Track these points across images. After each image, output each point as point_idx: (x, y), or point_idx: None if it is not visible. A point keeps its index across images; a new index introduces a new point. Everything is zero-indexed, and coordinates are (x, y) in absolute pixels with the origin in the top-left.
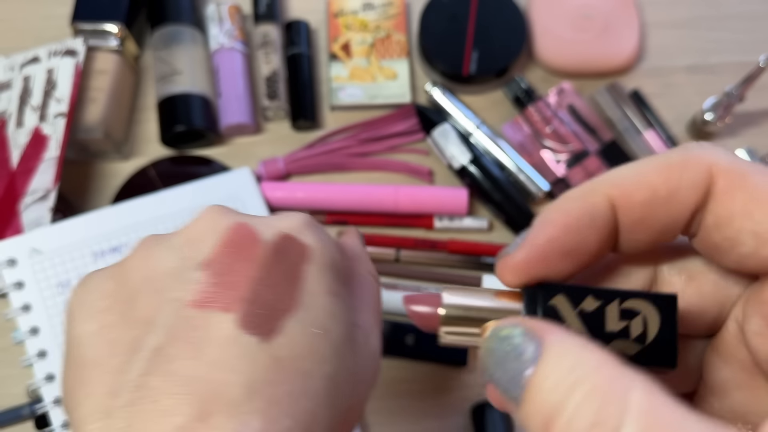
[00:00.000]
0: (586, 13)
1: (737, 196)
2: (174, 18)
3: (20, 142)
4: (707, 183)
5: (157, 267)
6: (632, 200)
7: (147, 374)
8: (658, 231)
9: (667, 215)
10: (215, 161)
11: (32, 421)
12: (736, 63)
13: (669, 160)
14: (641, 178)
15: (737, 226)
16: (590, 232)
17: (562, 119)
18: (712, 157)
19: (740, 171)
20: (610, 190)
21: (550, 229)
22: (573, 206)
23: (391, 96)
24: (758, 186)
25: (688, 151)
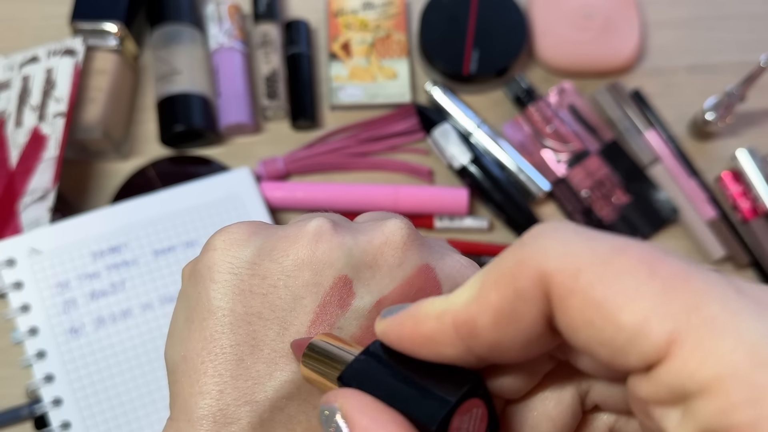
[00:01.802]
0: (586, 13)
1: (572, 302)
2: (173, 17)
3: (19, 141)
4: (543, 290)
5: (324, 271)
6: (477, 326)
7: (289, 398)
8: (520, 347)
9: (517, 333)
10: (215, 161)
11: (31, 422)
12: (737, 63)
13: (501, 270)
14: (480, 298)
15: (583, 337)
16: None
17: (562, 119)
18: (542, 255)
19: (572, 268)
20: (456, 318)
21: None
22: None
23: (391, 96)
24: (591, 285)
25: (520, 252)
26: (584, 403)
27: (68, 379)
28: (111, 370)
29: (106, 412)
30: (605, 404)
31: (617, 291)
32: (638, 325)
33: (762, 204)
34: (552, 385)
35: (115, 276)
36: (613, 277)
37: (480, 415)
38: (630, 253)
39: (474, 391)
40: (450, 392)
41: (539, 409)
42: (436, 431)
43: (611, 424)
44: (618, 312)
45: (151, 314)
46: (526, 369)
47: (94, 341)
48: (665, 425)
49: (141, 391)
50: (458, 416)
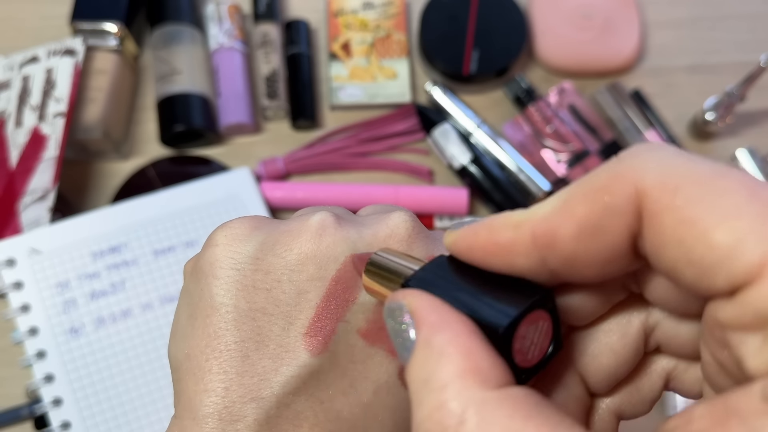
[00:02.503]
0: (586, 13)
1: (666, 219)
2: (173, 17)
3: (19, 141)
4: (636, 206)
5: (328, 265)
6: (558, 237)
7: (295, 393)
8: (599, 264)
9: (600, 248)
10: (215, 161)
11: (31, 422)
12: (737, 63)
13: (594, 184)
14: (565, 210)
15: (671, 256)
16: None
17: (562, 119)
18: (640, 172)
19: (670, 186)
20: (536, 228)
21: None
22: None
23: (391, 96)
24: (689, 202)
25: (615, 167)
26: (648, 342)
27: (68, 379)
28: (111, 370)
29: (106, 412)
30: (668, 345)
31: (715, 210)
32: (732, 245)
33: None
34: (619, 316)
35: (115, 276)
36: (712, 196)
37: (545, 329)
38: (730, 177)
39: (543, 304)
40: (519, 301)
41: (602, 340)
42: (503, 334)
43: (670, 370)
44: (712, 231)
45: (151, 314)
46: (597, 294)
47: (94, 341)
48: (744, 351)
49: (141, 391)
50: (525, 325)
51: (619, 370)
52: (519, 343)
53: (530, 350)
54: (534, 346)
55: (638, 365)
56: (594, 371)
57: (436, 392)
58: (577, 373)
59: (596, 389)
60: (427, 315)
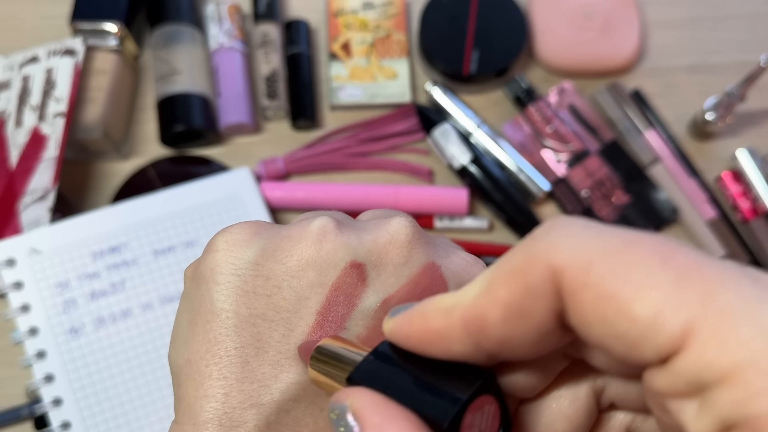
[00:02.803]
0: (586, 13)
1: (584, 296)
2: (173, 17)
3: (19, 141)
4: (554, 285)
5: (329, 271)
6: (486, 322)
7: (295, 400)
8: (531, 344)
9: (528, 329)
10: (215, 161)
11: (31, 422)
12: (737, 63)
13: (512, 266)
14: (489, 293)
15: (597, 332)
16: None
17: (562, 119)
18: (552, 249)
19: (583, 262)
20: (465, 314)
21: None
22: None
23: (391, 96)
24: (603, 277)
25: (529, 248)
26: (600, 402)
27: (68, 379)
28: (111, 370)
29: (106, 412)
30: (621, 402)
31: (629, 283)
32: (652, 317)
33: (762, 204)
34: (566, 383)
35: (115, 276)
36: (624, 269)
37: (492, 412)
38: (641, 245)
39: (486, 388)
40: (461, 389)
41: (554, 408)
42: (447, 429)
43: (628, 423)
44: (631, 304)
45: (151, 314)
46: (539, 367)
47: (94, 341)
48: (682, 418)
49: (141, 391)
50: (470, 413)
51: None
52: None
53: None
54: (483, 431)
55: (597, 423)
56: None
57: None
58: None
59: None
60: (371, 416)
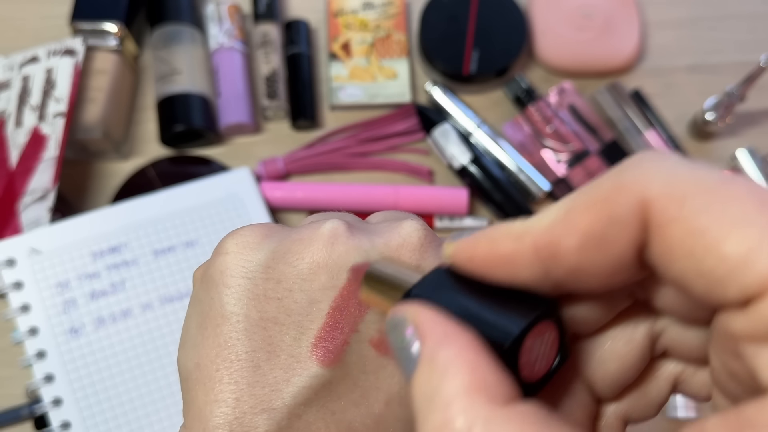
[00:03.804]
0: (586, 13)
1: (674, 230)
2: (173, 17)
3: (19, 141)
4: (641, 216)
5: (340, 274)
6: (561, 249)
7: (306, 404)
8: (604, 276)
9: (604, 260)
10: (215, 161)
11: (31, 422)
12: (737, 63)
13: (597, 195)
14: (568, 221)
15: (680, 267)
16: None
17: (562, 119)
18: (644, 182)
19: (677, 196)
20: (538, 239)
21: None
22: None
23: (391, 96)
24: (697, 212)
25: (618, 177)
26: (654, 347)
27: (68, 379)
28: (111, 370)
29: (106, 412)
30: (676, 350)
31: (724, 220)
32: (743, 256)
33: None
34: (625, 323)
35: (115, 276)
36: (720, 206)
37: (551, 340)
38: (738, 185)
39: (548, 315)
40: (524, 313)
41: (609, 346)
42: (509, 348)
43: (677, 374)
44: (722, 241)
45: (151, 314)
46: (603, 302)
47: (94, 341)
48: (757, 363)
49: (141, 391)
50: (531, 338)
51: (625, 376)
52: (525, 357)
53: (537, 362)
54: (540, 357)
55: (645, 370)
56: (601, 378)
57: (441, 409)
58: (584, 381)
59: (603, 395)
60: (431, 329)
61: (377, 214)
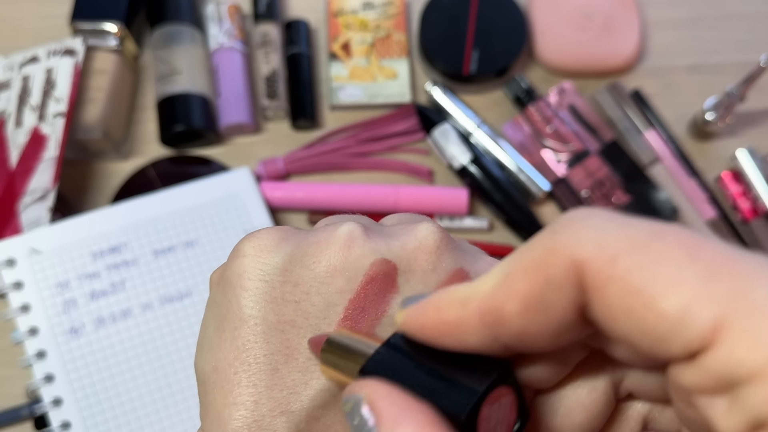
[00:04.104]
0: (586, 13)
1: (610, 291)
2: (173, 17)
3: (19, 141)
4: (576, 279)
5: (357, 277)
6: (504, 314)
7: (325, 407)
8: (550, 337)
9: (547, 323)
10: (215, 161)
11: (31, 422)
12: (737, 63)
13: (532, 258)
14: (507, 286)
15: (622, 326)
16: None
17: (562, 119)
18: (575, 242)
19: (609, 255)
20: (481, 306)
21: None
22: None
23: (391, 96)
24: (630, 271)
25: (551, 239)
26: (618, 391)
27: (68, 379)
28: (111, 370)
29: (106, 412)
30: (640, 392)
31: (657, 277)
32: (681, 312)
33: (762, 204)
34: (585, 373)
35: (115, 276)
36: (652, 262)
37: (509, 404)
38: (668, 238)
39: (502, 379)
40: (478, 381)
41: (572, 398)
42: (465, 421)
43: (645, 413)
44: (659, 299)
45: (151, 314)
46: (557, 358)
47: (94, 341)
48: (711, 414)
49: (141, 391)
50: (487, 405)
51: (593, 424)
52: (484, 426)
53: (496, 429)
54: (500, 423)
55: (613, 413)
56: (568, 430)
57: None
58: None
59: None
60: (387, 407)
61: (391, 217)
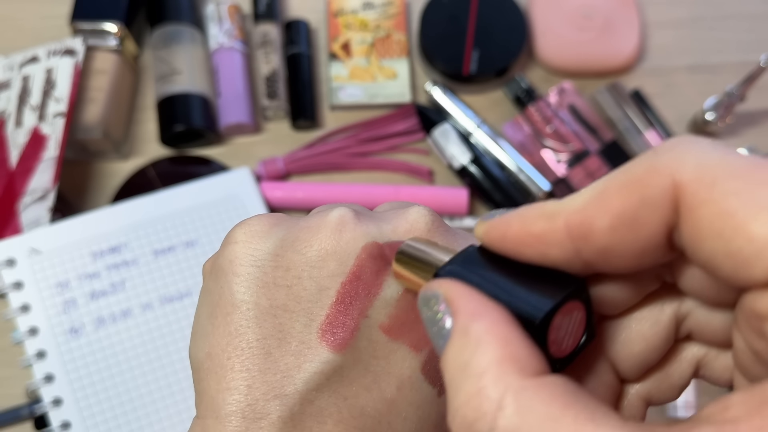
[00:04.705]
0: (586, 13)
1: (704, 212)
2: (173, 17)
3: (19, 141)
4: (672, 199)
5: (349, 261)
6: (593, 228)
7: (318, 390)
8: (634, 256)
9: (635, 241)
10: (214, 161)
11: (31, 422)
12: (737, 63)
13: (630, 177)
14: (600, 201)
15: (709, 248)
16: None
17: (562, 119)
18: (677, 165)
19: (708, 179)
20: (570, 219)
21: None
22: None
23: (391, 95)
24: (727, 195)
25: (652, 160)
26: (679, 330)
27: (68, 379)
28: (111, 370)
29: (106, 412)
30: (700, 333)
31: (752, 202)
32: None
33: None
34: (651, 305)
35: (115, 276)
36: (749, 188)
37: (579, 319)
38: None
39: (577, 294)
40: (554, 292)
41: (634, 328)
42: (539, 325)
43: (700, 357)
44: (750, 222)
45: (151, 314)
46: (631, 284)
47: (94, 341)
48: None
49: (141, 391)
50: (560, 316)
51: (649, 358)
52: (554, 334)
53: (564, 340)
54: (568, 335)
55: (668, 352)
56: (625, 358)
57: (474, 379)
58: (608, 360)
59: (626, 376)
60: (464, 303)
61: (384, 204)
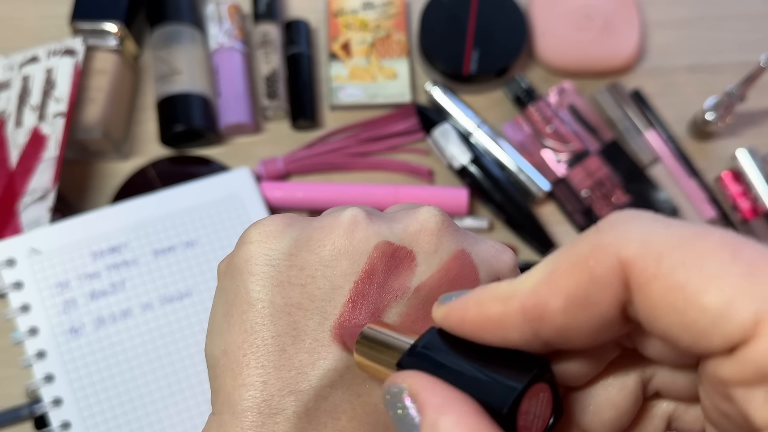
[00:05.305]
0: (586, 13)
1: (654, 287)
2: (173, 17)
3: (19, 141)
4: (621, 276)
5: (361, 260)
6: (547, 310)
7: (332, 386)
8: (591, 333)
9: (590, 319)
10: (215, 161)
11: (31, 422)
12: (737, 63)
13: (577, 255)
14: (551, 282)
15: (664, 322)
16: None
17: (562, 119)
18: (622, 241)
19: (654, 254)
20: (524, 302)
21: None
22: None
23: (391, 95)
24: (674, 268)
25: (596, 238)
26: (646, 390)
27: (68, 379)
28: (111, 370)
29: (106, 412)
30: (667, 391)
31: (701, 274)
32: (723, 307)
33: (762, 204)
34: (616, 371)
35: (115, 276)
36: (695, 260)
37: (546, 400)
38: (711, 237)
39: (541, 375)
40: (519, 376)
41: (602, 396)
42: (506, 414)
43: (671, 411)
44: (702, 294)
45: (151, 314)
46: (592, 355)
47: (94, 341)
48: (748, 406)
49: (141, 391)
50: (527, 400)
51: (620, 421)
52: (522, 420)
53: (534, 423)
54: (536, 418)
55: (640, 411)
56: (597, 427)
57: None
58: (581, 431)
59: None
60: (430, 397)
61: (395, 205)
